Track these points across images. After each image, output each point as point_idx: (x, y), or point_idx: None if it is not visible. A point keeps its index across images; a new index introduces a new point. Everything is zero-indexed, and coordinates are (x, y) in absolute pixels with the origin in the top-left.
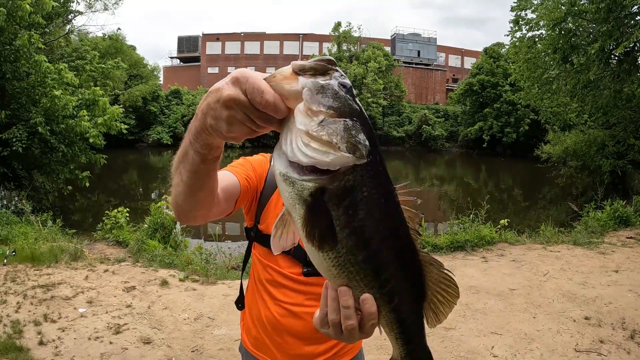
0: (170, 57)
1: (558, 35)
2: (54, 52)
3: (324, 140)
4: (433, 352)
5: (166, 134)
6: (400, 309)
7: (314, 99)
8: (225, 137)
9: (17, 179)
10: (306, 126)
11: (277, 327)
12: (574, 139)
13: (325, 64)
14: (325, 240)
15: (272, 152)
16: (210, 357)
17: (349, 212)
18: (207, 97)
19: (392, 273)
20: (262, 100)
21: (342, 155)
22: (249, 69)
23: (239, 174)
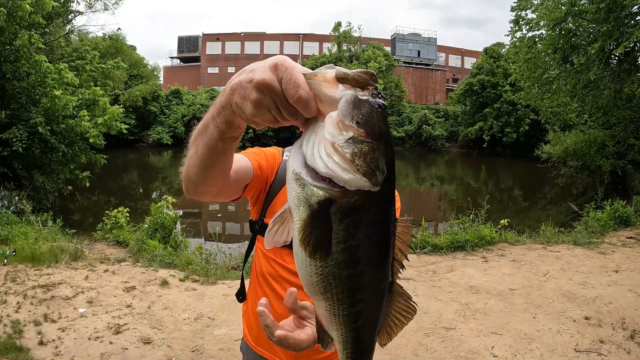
0: (170, 57)
1: (558, 35)
2: (54, 52)
3: (347, 158)
4: (433, 352)
5: (166, 134)
6: (360, 332)
7: (350, 112)
8: (248, 119)
9: (17, 179)
10: (334, 137)
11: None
12: (574, 139)
13: (368, 78)
14: (318, 250)
15: (284, 146)
16: (210, 357)
17: (350, 229)
18: (239, 75)
19: (365, 297)
20: (296, 94)
21: (360, 178)
22: (290, 59)
23: (253, 159)
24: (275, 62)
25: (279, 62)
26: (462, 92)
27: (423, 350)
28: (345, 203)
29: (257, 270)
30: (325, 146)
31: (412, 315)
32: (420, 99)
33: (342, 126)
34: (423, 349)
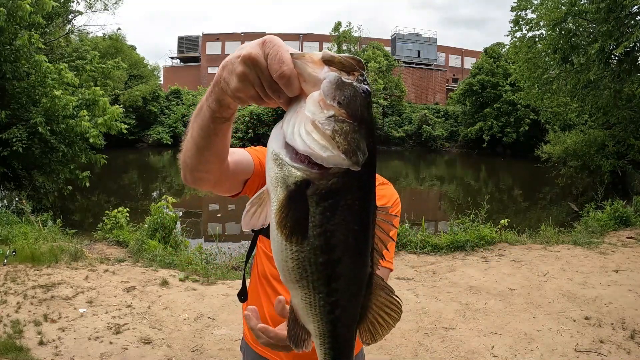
0: (170, 57)
1: (558, 35)
2: (54, 52)
3: (326, 135)
4: (433, 352)
5: (166, 134)
6: (337, 323)
7: (332, 92)
8: (233, 94)
9: (17, 179)
10: (314, 115)
11: (280, 323)
12: (574, 139)
13: (355, 63)
14: (295, 233)
15: None
16: (210, 357)
17: (327, 213)
18: (232, 54)
19: (342, 286)
20: (280, 70)
21: (339, 155)
22: (279, 39)
23: (254, 155)
24: (264, 39)
25: (268, 39)
26: (462, 92)
27: (423, 350)
28: (322, 185)
29: (258, 271)
30: (305, 124)
31: (397, 314)
32: (420, 99)
33: (323, 105)
34: (423, 349)
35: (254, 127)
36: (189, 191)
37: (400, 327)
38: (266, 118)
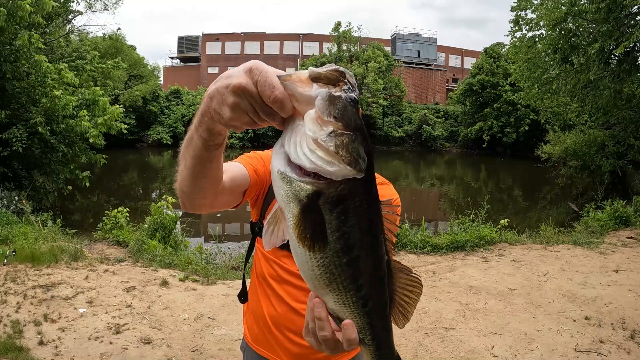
0: (170, 57)
1: (558, 35)
2: (54, 52)
3: (330, 151)
4: (433, 352)
5: (166, 134)
6: (372, 314)
7: (326, 108)
8: (227, 123)
9: (17, 179)
10: (315, 134)
11: (279, 323)
12: (574, 139)
13: (338, 75)
14: (317, 241)
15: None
16: (210, 357)
17: (341, 217)
18: (216, 82)
19: (368, 279)
20: (272, 95)
21: (345, 168)
22: (263, 63)
23: (248, 165)
24: (249, 66)
25: (253, 66)
26: (462, 92)
27: (423, 350)
28: (333, 193)
29: (257, 272)
30: (308, 143)
31: (419, 289)
32: (420, 99)
33: (321, 122)
34: (423, 349)
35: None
36: None
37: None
38: None
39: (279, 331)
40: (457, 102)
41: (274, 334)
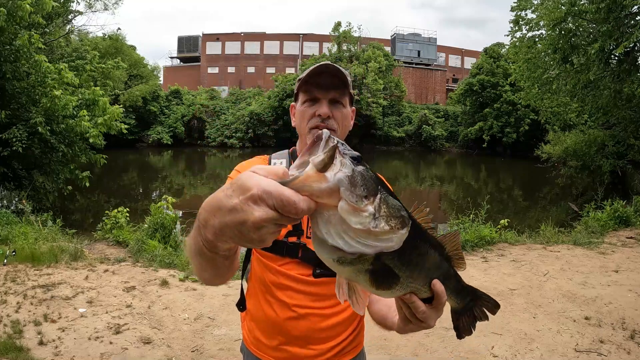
0: (170, 57)
1: (558, 35)
2: (54, 52)
3: (386, 230)
4: (433, 352)
5: (166, 133)
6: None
7: (353, 194)
8: (257, 246)
9: (17, 179)
10: (362, 225)
11: (281, 328)
12: (574, 139)
13: (331, 148)
14: (392, 282)
15: (269, 153)
16: (210, 357)
17: (402, 257)
18: (216, 215)
19: (436, 270)
20: (297, 210)
21: (400, 232)
22: (253, 174)
23: None
24: (253, 194)
25: (258, 192)
26: (462, 92)
27: (423, 350)
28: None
29: (257, 278)
30: (359, 234)
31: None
32: (420, 99)
33: (359, 211)
34: (423, 349)
35: (254, 127)
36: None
37: None
38: (266, 118)
39: (281, 336)
40: (457, 102)
41: (276, 338)
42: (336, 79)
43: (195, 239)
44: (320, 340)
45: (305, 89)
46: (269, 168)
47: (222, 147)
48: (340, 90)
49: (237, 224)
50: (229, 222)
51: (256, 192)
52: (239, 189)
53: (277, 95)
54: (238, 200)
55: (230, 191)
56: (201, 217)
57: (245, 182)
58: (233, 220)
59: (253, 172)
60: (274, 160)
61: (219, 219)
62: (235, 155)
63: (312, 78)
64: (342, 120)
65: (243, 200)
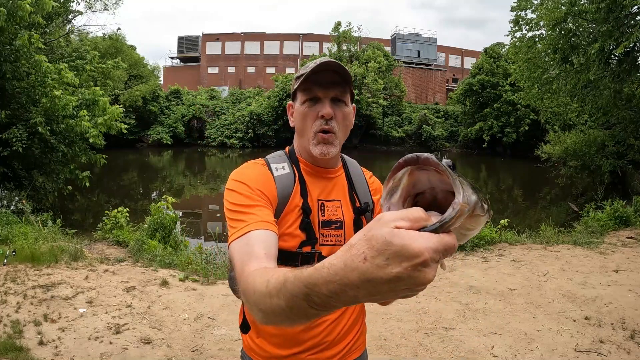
0: (170, 57)
1: (558, 35)
2: (54, 52)
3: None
4: (433, 352)
5: (166, 134)
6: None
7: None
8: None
9: (17, 179)
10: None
11: (296, 339)
12: (574, 139)
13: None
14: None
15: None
16: (210, 357)
17: None
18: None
19: None
20: (454, 251)
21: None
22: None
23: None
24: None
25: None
26: (462, 92)
27: (423, 350)
28: None
29: None
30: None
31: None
32: (420, 99)
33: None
34: (423, 349)
35: (254, 127)
36: (189, 191)
37: (400, 327)
38: (266, 118)
39: (296, 346)
40: (457, 102)
41: (291, 349)
42: (337, 76)
43: (293, 302)
44: (332, 344)
45: (305, 88)
46: (412, 215)
47: (222, 147)
48: (342, 88)
49: (399, 291)
50: (387, 291)
51: (428, 257)
52: (398, 255)
53: (277, 95)
54: (402, 268)
55: (383, 259)
56: (324, 289)
57: (408, 247)
58: (396, 288)
59: (399, 226)
60: (274, 165)
61: (369, 290)
62: (235, 155)
63: (311, 76)
64: (344, 120)
65: (411, 267)
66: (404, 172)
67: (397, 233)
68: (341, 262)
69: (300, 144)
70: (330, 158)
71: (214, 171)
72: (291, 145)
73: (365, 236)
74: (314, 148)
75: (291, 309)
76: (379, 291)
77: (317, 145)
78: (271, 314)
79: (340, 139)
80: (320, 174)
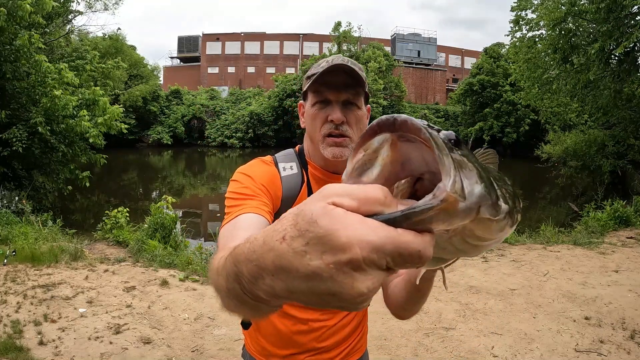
0: (170, 57)
1: (558, 35)
2: (54, 52)
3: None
4: (433, 352)
5: (166, 134)
6: None
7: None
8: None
9: (17, 179)
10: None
11: (292, 341)
12: (574, 139)
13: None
14: None
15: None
16: (210, 357)
17: None
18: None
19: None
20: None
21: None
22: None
23: (267, 213)
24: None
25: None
26: (462, 92)
27: (423, 350)
28: None
29: None
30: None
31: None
32: (420, 99)
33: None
34: (423, 349)
35: (254, 127)
36: (189, 191)
37: (400, 327)
38: (266, 118)
39: (293, 347)
40: (457, 102)
41: (282, 348)
42: (350, 78)
43: (229, 283)
44: (331, 347)
45: (316, 89)
46: (357, 192)
47: (222, 147)
48: (354, 90)
49: (322, 295)
50: (305, 291)
51: (359, 255)
52: (320, 243)
53: (277, 95)
54: (322, 262)
55: (302, 243)
56: (244, 268)
57: (335, 234)
58: (316, 290)
59: (332, 203)
60: (282, 164)
61: (286, 283)
62: (235, 155)
63: (322, 77)
64: (357, 124)
65: (334, 265)
66: (383, 140)
67: (329, 212)
68: (262, 237)
69: (310, 146)
70: (343, 161)
71: (214, 171)
72: (302, 145)
73: (297, 209)
74: (325, 150)
75: (229, 292)
76: (296, 289)
77: (328, 147)
78: (221, 297)
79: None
80: (330, 179)
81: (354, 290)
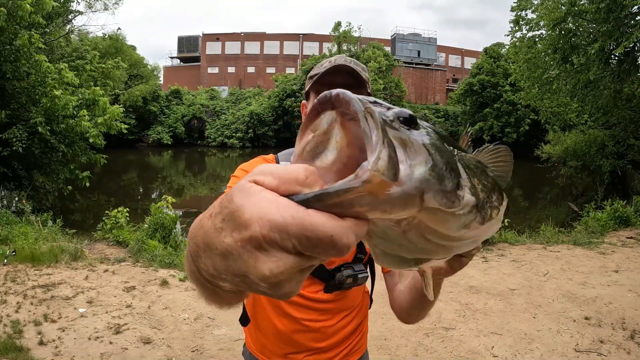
0: (170, 57)
1: (558, 35)
2: (54, 52)
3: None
4: (433, 352)
5: (166, 134)
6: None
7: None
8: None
9: (17, 179)
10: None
11: (290, 340)
12: (574, 139)
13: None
14: None
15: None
16: (210, 357)
17: None
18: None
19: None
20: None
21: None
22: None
23: None
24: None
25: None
26: (462, 92)
27: (423, 350)
28: None
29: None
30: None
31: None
32: (420, 99)
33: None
34: (423, 349)
35: (254, 127)
36: (189, 191)
37: (400, 327)
38: (266, 118)
39: (291, 347)
40: (457, 102)
41: (282, 348)
42: (351, 78)
43: (189, 263)
44: (330, 347)
45: (317, 90)
46: (280, 171)
47: (222, 147)
48: (355, 91)
49: (237, 275)
50: (223, 270)
51: (259, 232)
52: (231, 219)
53: (277, 95)
54: (232, 239)
55: (220, 220)
56: (190, 243)
57: (240, 210)
58: (229, 269)
59: (253, 181)
60: (283, 162)
61: (211, 260)
62: (235, 155)
63: (324, 77)
64: None
65: (240, 242)
66: (331, 120)
67: (246, 189)
68: (200, 215)
69: None
70: None
71: (214, 171)
72: None
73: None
74: None
75: (191, 275)
76: (219, 267)
77: None
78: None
79: None
80: None
81: (257, 271)
